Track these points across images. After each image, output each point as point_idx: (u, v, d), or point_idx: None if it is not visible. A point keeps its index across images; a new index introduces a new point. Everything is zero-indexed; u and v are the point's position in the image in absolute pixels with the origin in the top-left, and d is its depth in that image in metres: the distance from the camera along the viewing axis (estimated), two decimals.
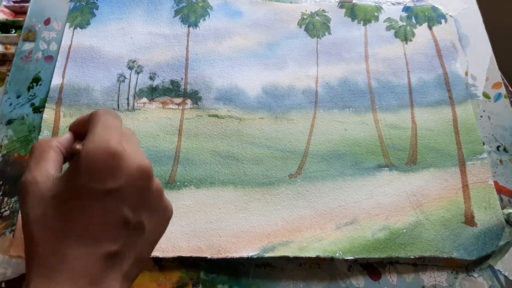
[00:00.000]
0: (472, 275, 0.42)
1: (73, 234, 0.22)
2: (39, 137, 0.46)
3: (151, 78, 0.51)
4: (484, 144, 0.49)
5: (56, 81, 0.50)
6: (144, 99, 0.50)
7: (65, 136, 0.27)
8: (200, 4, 0.57)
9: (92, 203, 0.23)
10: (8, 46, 0.55)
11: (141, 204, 0.24)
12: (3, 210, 0.43)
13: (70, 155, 0.27)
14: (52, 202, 0.23)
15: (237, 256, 0.41)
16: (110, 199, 0.23)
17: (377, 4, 0.60)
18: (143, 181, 0.24)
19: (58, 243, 0.22)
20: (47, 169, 0.24)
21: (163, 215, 0.27)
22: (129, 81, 0.51)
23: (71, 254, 0.22)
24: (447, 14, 0.59)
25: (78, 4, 0.56)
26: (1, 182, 0.44)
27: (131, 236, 0.24)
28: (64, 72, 0.51)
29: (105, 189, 0.23)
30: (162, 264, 0.41)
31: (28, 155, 0.26)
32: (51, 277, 0.21)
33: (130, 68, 0.52)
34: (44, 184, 0.23)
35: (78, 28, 0.54)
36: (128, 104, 0.50)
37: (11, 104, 0.49)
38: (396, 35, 0.57)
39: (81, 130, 0.27)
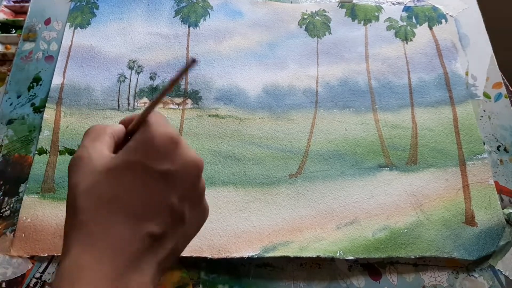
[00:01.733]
0: (472, 275, 0.42)
1: (119, 207, 0.22)
2: (40, 137, 0.46)
3: (151, 78, 0.51)
4: (484, 144, 0.49)
5: (56, 81, 0.50)
6: (145, 99, 0.50)
7: (119, 126, 0.27)
8: (200, 4, 0.57)
9: (144, 181, 0.22)
10: (9, 46, 0.55)
11: (187, 196, 0.24)
12: (3, 210, 0.43)
13: (121, 144, 0.27)
14: (104, 174, 0.23)
15: (238, 256, 0.41)
16: (162, 181, 0.23)
17: (377, 4, 0.60)
18: (194, 174, 0.24)
19: (103, 215, 0.22)
20: (102, 148, 0.24)
21: (202, 215, 0.27)
22: (130, 81, 0.51)
23: (115, 228, 0.22)
24: (447, 14, 0.59)
25: (78, 4, 0.56)
26: (2, 182, 0.44)
27: (173, 224, 0.24)
28: (64, 72, 0.51)
29: (160, 169, 0.23)
30: None
31: (83, 136, 0.26)
32: (93, 245, 0.21)
33: (131, 68, 0.52)
34: (98, 160, 0.23)
35: (78, 28, 0.54)
36: (128, 104, 0.50)
37: (11, 104, 0.49)
38: (396, 35, 0.57)
39: (129, 124, 0.27)
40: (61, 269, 0.20)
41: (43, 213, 0.42)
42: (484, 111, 0.52)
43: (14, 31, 0.56)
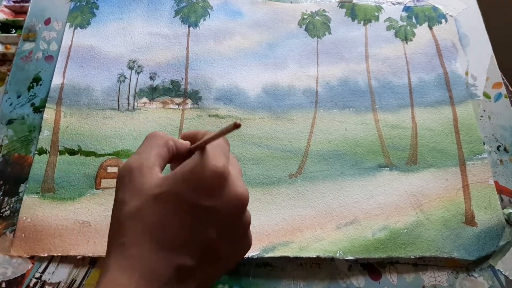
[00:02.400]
0: (472, 275, 0.42)
1: (159, 235, 0.23)
2: (40, 137, 0.47)
3: (151, 78, 0.51)
4: (484, 144, 0.49)
5: (56, 81, 0.50)
6: (145, 99, 0.50)
7: (181, 140, 0.28)
8: (200, 4, 0.57)
9: (186, 213, 0.23)
10: (8, 46, 0.55)
11: (227, 231, 0.25)
12: (3, 210, 0.43)
13: (177, 158, 0.28)
14: (151, 201, 0.23)
15: None
16: (203, 216, 0.23)
17: (377, 4, 0.60)
18: (238, 210, 0.25)
19: (144, 240, 0.23)
20: (154, 162, 0.25)
21: (242, 248, 0.27)
22: (130, 81, 0.51)
23: (152, 254, 0.22)
24: (447, 14, 0.59)
25: (78, 4, 0.56)
26: (1, 182, 0.44)
27: (207, 258, 0.24)
28: (64, 72, 0.51)
29: (202, 204, 0.23)
30: None
31: (144, 140, 0.27)
32: (131, 268, 0.22)
33: (131, 68, 0.52)
34: (146, 178, 0.24)
35: (78, 28, 0.54)
36: (128, 104, 0.50)
37: (11, 104, 0.49)
38: (396, 35, 0.57)
39: (192, 141, 0.28)
40: (101, 284, 0.22)
41: (43, 213, 0.42)
42: (484, 111, 0.52)
43: (14, 31, 0.56)
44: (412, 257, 0.42)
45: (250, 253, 0.41)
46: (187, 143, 0.28)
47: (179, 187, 0.23)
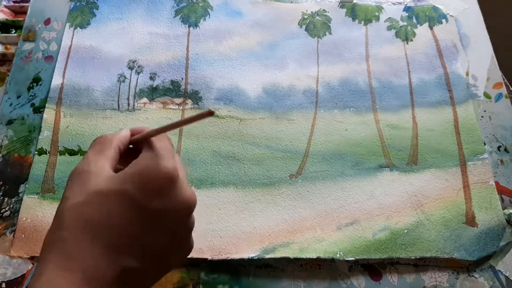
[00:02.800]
0: (473, 276, 0.42)
1: (102, 234, 0.22)
2: (40, 137, 0.46)
3: (151, 78, 0.51)
4: (485, 144, 0.49)
5: (56, 81, 0.50)
6: (145, 99, 0.50)
7: (125, 133, 0.27)
8: (200, 4, 0.57)
9: (133, 214, 0.22)
10: (8, 46, 0.55)
11: (173, 233, 0.24)
12: (3, 210, 0.43)
13: (124, 152, 0.27)
14: (93, 195, 0.22)
15: (238, 258, 0.41)
16: (151, 218, 0.23)
17: (378, 4, 0.59)
18: (185, 213, 0.24)
19: (85, 238, 0.21)
20: (104, 165, 0.24)
21: (184, 252, 0.27)
22: (130, 81, 0.51)
23: (93, 254, 0.21)
24: (448, 14, 0.59)
25: (78, 4, 0.56)
26: (1, 182, 0.44)
27: (152, 260, 0.24)
28: (64, 72, 0.51)
29: (150, 206, 0.22)
30: None
31: (90, 146, 0.26)
32: (69, 269, 0.21)
33: (131, 68, 0.52)
34: (94, 176, 0.23)
35: (78, 28, 0.54)
36: (128, 104, 0.49)
37: (11, 104, 0.49)
38: (397, 35, 0.57)
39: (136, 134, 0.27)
40: (37, 285, 0.20)
41: (43, 213, 0.42)
42: (485, 111, 0.52)
43: (14, 31, 0.56)
44: (412, 257, 0.42)
45: (250, 254, 0.41)
46: (128, 135, 0.27)
47: (127, 186, 0.22)
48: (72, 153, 0.46)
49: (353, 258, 0.41)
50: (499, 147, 0.49)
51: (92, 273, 0.21)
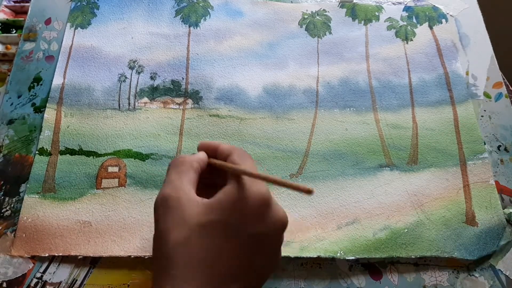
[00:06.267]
0: (473, 275, 0.42)
1: (208, 267, 0.22)
2: (40, 137, 0.47)
3: (152, 78, 0.51)
4: (485, 143, 0.49)
5: (57, 81, 0.50)
6: (145, 99, 0.50)
7: (203, 156, 0.28)
8: (201, 4, 0.57)
9: (235, 243, 0.23)
10: (9, 46, 0.55)
11: (273, 251, 0.25)
12: (4, 210, 0.43)
13: (204, 172, 0.27)
14: (197, 229, 0.22)
15: None
16: (252, 243, 0.23)
17: (377, 4, 0.60)
18: (280, 232, 0.25)
19: (193, 274, 0.22)
20: (190, 189, 0.24)
21: (276, 264, 0.27)
22: (130, 81, 0.51)
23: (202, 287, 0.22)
24: (447, 13, 0.59)
25: (79, 4, 0.56)
26: (2, 182, 0.44)
27: (256, 279, 0.24)
28: (65, 72, 0.51)
29: (252, 232, 0.23)
30: None
31: (168, 169, 0.26)
32: None
33: (131, 68, 0.52)
34: (187, 206, 0.23)
35: (79, 28, 0.54)
36: (129, 104, 0.50)
37: (12, 104, 0.49)
38: (396, 34, 0.57)
39: (211, 154, 0.27)
40: None
41: (44, 213, 0.42)
42: (485, 110, 0.52)
43: (14, 31, 0.56)
44: (413, 257, 0.42)
45: None
46: (205, 157, 0.27)
47: (226, 217, 0.23)
48: (73, 152, 0.46)
49: (353, 257, 0.41)
50: (499, 147, 0.49)
51: None
